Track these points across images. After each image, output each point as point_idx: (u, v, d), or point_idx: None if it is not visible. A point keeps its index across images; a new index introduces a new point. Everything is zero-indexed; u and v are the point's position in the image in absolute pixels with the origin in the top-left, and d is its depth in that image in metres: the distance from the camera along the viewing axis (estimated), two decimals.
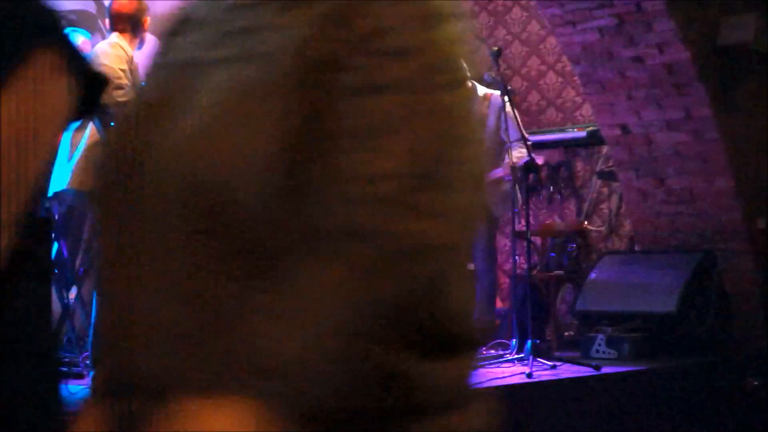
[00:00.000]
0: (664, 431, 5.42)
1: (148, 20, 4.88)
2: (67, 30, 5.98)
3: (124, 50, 4.75)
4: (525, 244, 5.89)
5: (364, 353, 0.86)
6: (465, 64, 0.97)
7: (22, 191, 1.36)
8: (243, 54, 0.93)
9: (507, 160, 5.89)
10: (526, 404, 4.80)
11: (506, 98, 5.97)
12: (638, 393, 5.37)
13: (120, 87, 4.57)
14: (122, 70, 4.61)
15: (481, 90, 6.13)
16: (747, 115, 6.45)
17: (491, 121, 6.07)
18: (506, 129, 5.87)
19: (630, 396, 5.31)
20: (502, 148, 5.96)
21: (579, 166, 8.07)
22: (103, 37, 5.52)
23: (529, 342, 5.31)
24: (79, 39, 5.80)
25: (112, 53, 4.70)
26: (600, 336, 6.07)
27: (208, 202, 0.88)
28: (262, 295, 0.87)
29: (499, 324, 7.53)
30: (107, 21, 5.15)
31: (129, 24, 4.91)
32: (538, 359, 5.26)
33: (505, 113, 5.95)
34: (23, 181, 1.36)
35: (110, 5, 5.06)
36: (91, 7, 6.19)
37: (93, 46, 5.34)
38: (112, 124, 1.14)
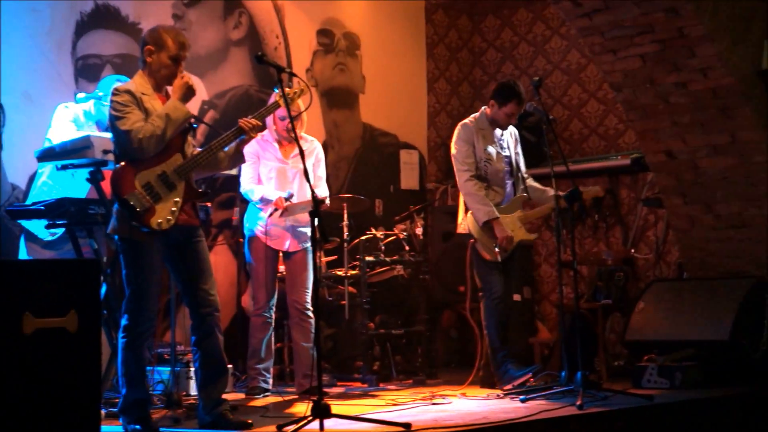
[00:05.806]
0: None
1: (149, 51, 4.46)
2: (109, 77, 5.91)
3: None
4: (571, 273, 5.84)
5: None
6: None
7: None
8: None
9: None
10: None
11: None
12: (693, 423, 5.27)
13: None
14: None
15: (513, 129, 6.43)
16: None
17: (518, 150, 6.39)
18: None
19: (684, 426, 5.21)
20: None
21: (624, 193, 8.01)
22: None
23: (579, 373, 5.24)
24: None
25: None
26: (651, 366, 5.99)
27: None
28: None
29: (548, 355, 7.46)
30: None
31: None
32: (589, 390, 5.20)
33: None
34: None
35: None
36: (136, 51, 6.28)
37: None
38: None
